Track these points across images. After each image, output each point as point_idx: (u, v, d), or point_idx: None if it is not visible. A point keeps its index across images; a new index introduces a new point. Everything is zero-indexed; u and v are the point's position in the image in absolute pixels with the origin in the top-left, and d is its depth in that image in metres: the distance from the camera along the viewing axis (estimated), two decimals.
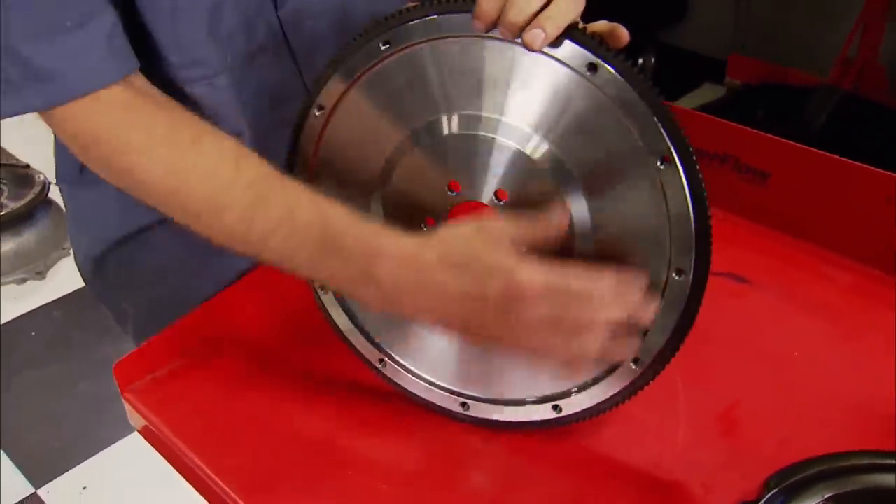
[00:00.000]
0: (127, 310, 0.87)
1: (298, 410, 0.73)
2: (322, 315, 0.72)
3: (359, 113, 0.63)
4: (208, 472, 0.67)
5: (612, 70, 0.54)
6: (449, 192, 0.62)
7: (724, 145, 0.94)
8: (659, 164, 0.55)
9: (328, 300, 0.71)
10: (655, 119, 0.54)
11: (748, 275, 0.87)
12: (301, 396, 0.74)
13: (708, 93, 2.81)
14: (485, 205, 0.61)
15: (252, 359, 0.77)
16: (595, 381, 0.64)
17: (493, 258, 0.54)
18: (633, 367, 0.62)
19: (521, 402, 0.68)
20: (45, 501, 1.70)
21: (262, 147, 0.74)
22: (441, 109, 0.60)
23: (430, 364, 0.71)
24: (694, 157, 0.55)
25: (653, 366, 0.62)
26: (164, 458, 0.71)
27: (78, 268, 0.88)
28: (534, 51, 0.53)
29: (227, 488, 0.65)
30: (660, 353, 0.61)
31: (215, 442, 0.69)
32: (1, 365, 1.99)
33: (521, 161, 0.58)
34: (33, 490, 1.72)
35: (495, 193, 0.60)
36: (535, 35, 0.53)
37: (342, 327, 0.72)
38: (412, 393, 0.72)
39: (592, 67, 0.54)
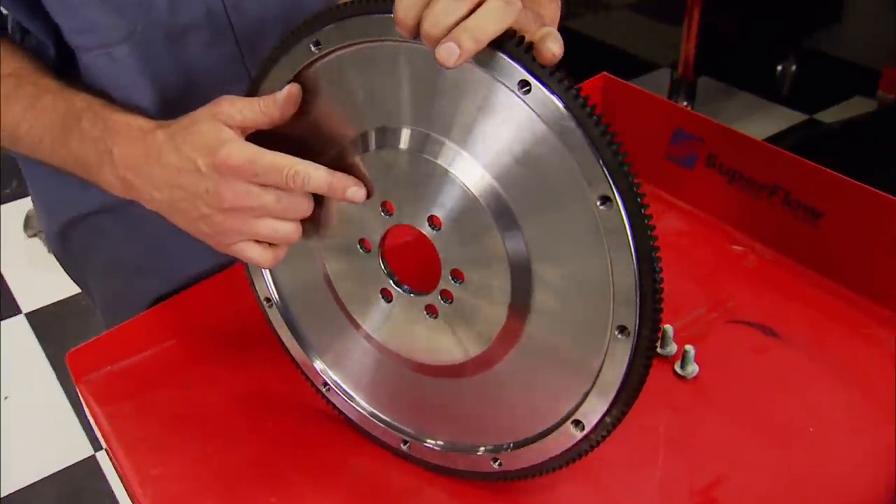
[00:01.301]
0: (93, 294, 0.87)
1: (239, 427, 0.69)
2: None
3: (296, 117, 0.58)
4: (130, 476, 0.65)
5: (544, 90, 0.46)
6: (383, 214, 0.56)
7: (774, 176, 0.81)
8: (599, 204, 0.46)
9: (274, 315, 0.67)
10: (592, 151, 0.46)
11: (779, 327, 0.75)
12: (245, 413, 0.70)
13: (856, 106, 2.55)
14: (418, 230, 0.55)
15: (205, 364, 0.75)
16: (536, 438, 0.57)
17: (209, 134, 0.56)
18: (575, 429, 0.54)
19: (461, 449, 0.62)
20: None
21: None
22: (370, 122, 0.54)
23: (372, 394, 0.65)
24: (639, 200, 0.46)
25: (595, 432, 0.53)
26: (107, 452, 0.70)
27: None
28: (448, 68, 0.46)
29: (140, 497, 0.63)
30: (602, 419, 0.52)
31: (147, 448, 0.67)
32: None
33: (455, 189, 0.51)
34: None
35: (429, 219, 0.54)
36: (449, 50, 0.45)
37: (289, 347, 0.68)
38: (354, 422, 0.67)
39: (524, 85, 0.46)
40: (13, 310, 2.14)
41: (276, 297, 0.66)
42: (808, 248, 0.80)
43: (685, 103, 2.46)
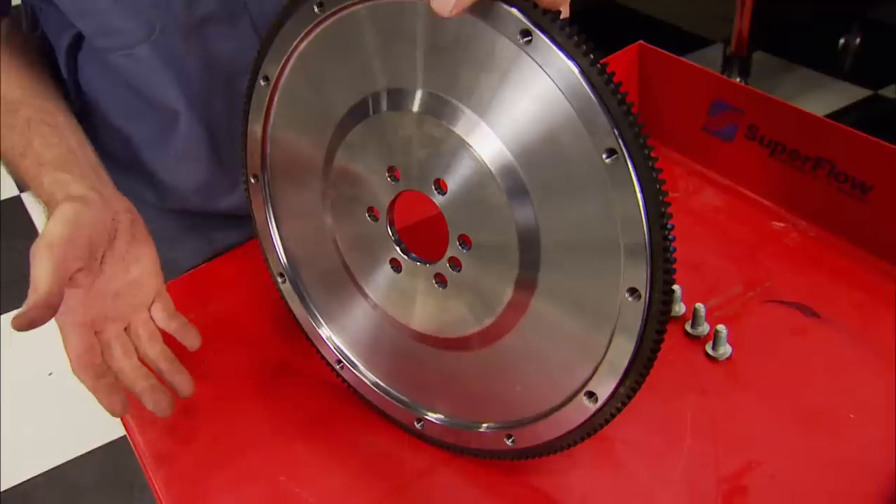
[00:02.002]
0: None
1: (253, 405, 0.68)
2: None
3: (300, 85, 0.56)
4: (143, 453, 0.65)
5: (546, 39, 0.43)
6: (390, 180, 0.54)
7: (820, 147, 0.76)
8: (605, 158, 0.43)
9: (287, 290, 0.66)
10: (596, 101, 0.43)
11: (821, 307, 0.70)
12: (259, 391, 0.69)
13: None
14: (426, 196, 0.53)
15: (221, 341, 0.74)
16: (549, 413, 0.54)
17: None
18: (589, 401, 0.51)
19: (473, 426, 0.59)
20: None
21: (208, 126, 0.70)
22: (378, 84, 0.52)
23: (385, 369, 0.63)
24: (646, 151, 0.43)
25: (609, 403, 0.50)
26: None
27: None
28: (444, 17, 0.43)
29: (153, 474, 0.63)
30: (615, 390, 0.49)
31: (161, 425, 0.67)
32: None
33: (473, 162, 0.49)
34: None
35: (436, 182, 0.52)
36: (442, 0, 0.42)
37: (302, 323, 0.66)
38: (369, 401, 0.65)
39: (526, 35, 0.44)
40: None
41: (290, 271, 0.65)
42: (854, 224, 0.75)
43: (739, 80, 2.37)
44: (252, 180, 0.64)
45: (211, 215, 0.82)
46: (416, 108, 0.50)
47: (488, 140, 0.48)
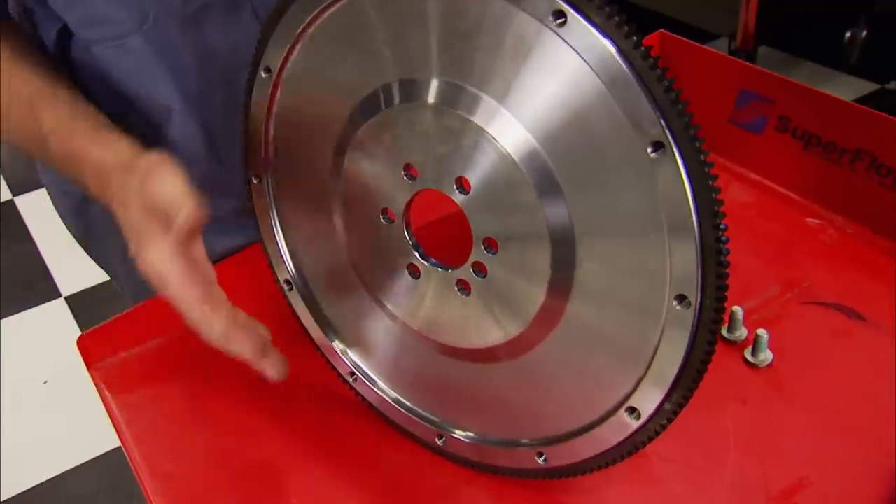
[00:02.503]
0: (120, 276, 0.82)
1: (260, 420, 0.64)
2: None
3: (306, 76, 0.52)
4: (142, 471, 0.60)
5: (582, 20, 0.39)
6: (406, 179, 0.49)
7: (859, 139, 0.72)
8: (650, 151, 0.39)
9: (294, 299, 0.61)
10: (640, 88, 0.38)
11: (864, 309, 0.66)
12: (267, 405, 0.64)
13: None
14: (446, 196, 0.48)
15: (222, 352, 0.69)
16: (585, 430, 0.49)
17: (133, 223, 0.53)
18: (630, 418, 0.46)
19: (500, 443, 0.55)
20: None
21: (205, 123, 0.66)
22: (390, 75, 0.48)
23: (405, 384, 0.59)
24: (697, 143, 0.38)
25: (653, 420, 0.46)
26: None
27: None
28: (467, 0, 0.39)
29: (152, 494, 0.58)
30: (660, 405, 0.45)
31: (161, 441, 0.62)
32: None
33: (496, 154, 0.44)
34: None
35: (458, 180, 0.47)
36: None
37: (312, 333, 0.62)
38: (385, 415, 0.60)
39: (559, 16, 0.39)
40: (53, 293, 2.14)
41: (297, 278, 0.60)
42: None
43: None
44: (255, 181, 0.59)
45: (212, 218, 0.77)
46: (431, 99, 0.46)
47: (510, 128, 0.43)
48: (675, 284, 0.41)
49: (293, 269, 0.61)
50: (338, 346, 0.60)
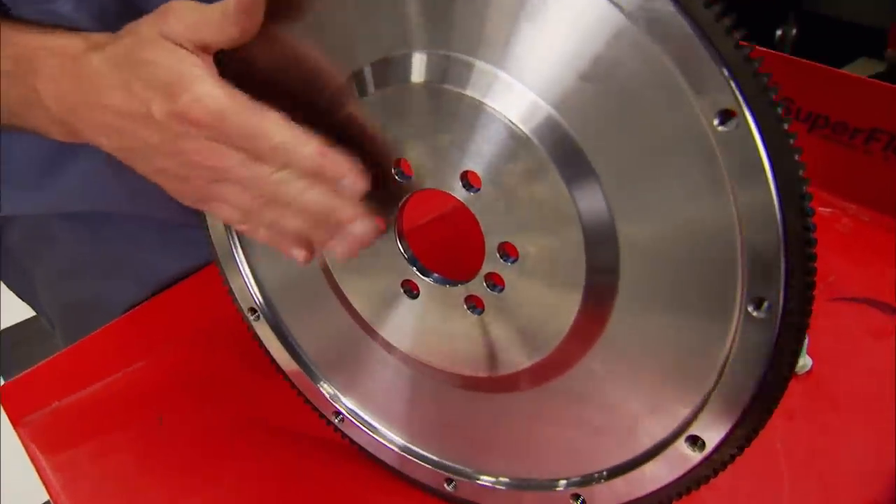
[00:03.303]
0: (47, 309, 0.72)
1: (225, 473, 0.54)
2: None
3: (263, 60, 0.43)
4: None
5: None
6: (398, 177, 0.41)
7: (874, 117, 0.66)
8: (716, 122, 0.31)
9: (265, 333, 0.52)
10: (702, 42, 0.30)
11: None
12: (233, 454, 0.55)
13: (864, 68, 2.40)
14: (451, 195, 0.40)
15: (182, 391, 0.59)
16: (631, 466, 0.41)
17: (167, 67, 0.39)
18: (691, 449, 0.38)
19: (526, 486, 0.46)
20: None
21: None
22: (368, 52, 0.39)
23: (404, 422, 0.50)
24: (778, 109, 0.31)
25: (720, 450, 0.38)
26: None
27: None
28: None
29: None
30: (730, 433, 0.37)
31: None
32: None
33: (497, 128, 0.36)
34: None
35: (464, 175, 0.39)
36: None
37: (284, 367, 0.52)
38: (379, 459, 0.51)
39: None
40: None
41: (263, 304, 0.51)
42: None
43: None
44: None
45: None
46: (415, 77, 0.38)
47: (514, 94, 0.36)
48: (750, 284, 0.34)
49: (258, 294, 0.51)
50: (319, 383, 0.51)
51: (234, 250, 0.51)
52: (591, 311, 0.38)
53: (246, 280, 0.51)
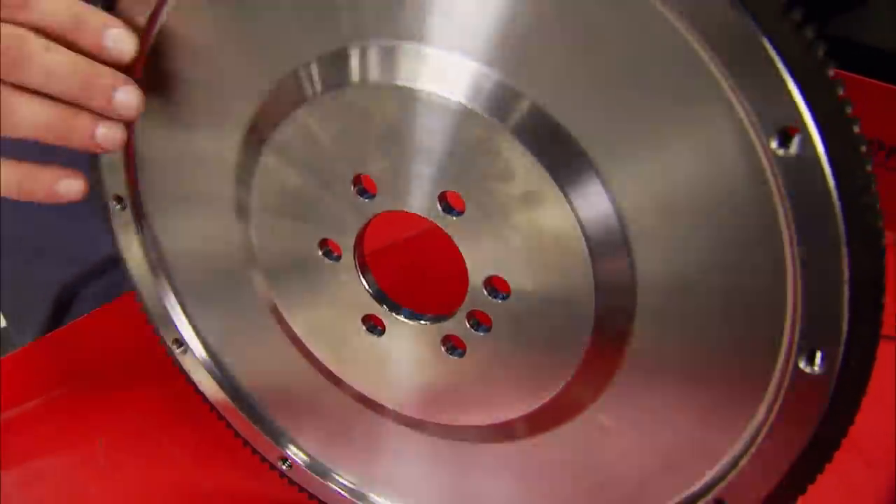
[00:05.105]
0: None
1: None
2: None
3: (183, 56, 0.35)
4: None
5: None
6: (359, 196, 0.33)
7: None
8: (774, 144, 0.25)
9: (190, 362, 0.44)
10: (763, 39, 0.24)
11: None
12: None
13: None
14: (422, 217, 0.32)
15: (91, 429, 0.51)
16: None
17: None
18: None
19: None
20: None
21: None
22: (306, 50, 0.32)
23: (374, 473, 0.43)
24: (855, 128, 0.24)
25: None
26: None
27: None
28: None
29: None
30: (769, 497, 0.31)
31: None
32: None
33: (477, 130, 0.29)
34: None
35: (442, 197, 0.31)
36: None
37: (214, 401, 0.45)
38: None
39: None
40: None
41: (193, 336, 0.43)
42: None
43: None
44: (114, 205, 0.41)
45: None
46: (358, 77, 0.31)
47: (464, 74, 0.29)
48: (802, 335, 0.28)
49: (185, 324, 0.43)
50: (277, 440, 0.44)
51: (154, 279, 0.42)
52: (600, 349, 0.32)
53: (168, 306, 0.43)
